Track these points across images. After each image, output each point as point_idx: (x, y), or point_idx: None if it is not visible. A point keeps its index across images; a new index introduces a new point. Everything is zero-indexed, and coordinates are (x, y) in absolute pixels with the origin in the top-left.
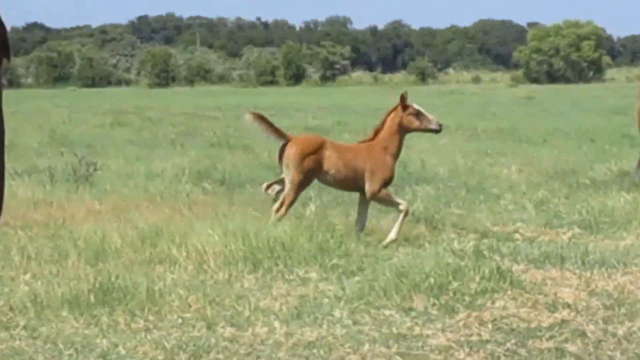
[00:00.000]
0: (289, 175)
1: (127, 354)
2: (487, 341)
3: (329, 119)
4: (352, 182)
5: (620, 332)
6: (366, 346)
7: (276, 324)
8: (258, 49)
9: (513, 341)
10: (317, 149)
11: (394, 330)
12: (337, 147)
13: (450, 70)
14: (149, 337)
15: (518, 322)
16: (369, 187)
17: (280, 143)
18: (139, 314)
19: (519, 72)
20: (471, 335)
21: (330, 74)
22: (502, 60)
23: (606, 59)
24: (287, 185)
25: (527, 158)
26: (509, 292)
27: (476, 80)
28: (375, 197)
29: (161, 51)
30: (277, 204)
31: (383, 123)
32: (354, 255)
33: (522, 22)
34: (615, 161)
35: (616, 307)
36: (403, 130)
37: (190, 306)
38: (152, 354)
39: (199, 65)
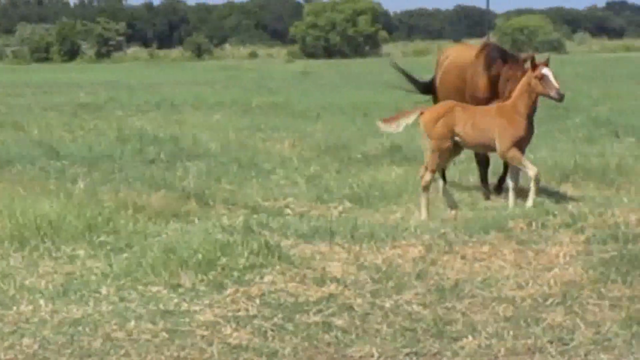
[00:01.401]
0: (428, 144)
1: None
2: (255, 316)
3: (102, 95)
4: (483, 143)
5: (387, 305)
6: (132, 323)
7: (41, 302)
8: (32, 26)
9: (280, 316)
10: (446, 114)
11: (161, 306)
12: (467, 109)
13: (227, 46)
14: None
15: (286, 297)
16: (498, 146)
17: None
18: None
19: (296, 47)
20: (238, 310)
21: (106, 50)
22: (279, 36)
23: (382, 33)
24: (427, 153)
25: (300, 133)
26: (278, 267)
27: (253, 55)
28: (505, 156)
29: None
30: (421, 170)
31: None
32: (123, 232)
33: None
34: (387, 135)
35: (384, 281)
36: (532, 91)
37: None
38: None
39: None
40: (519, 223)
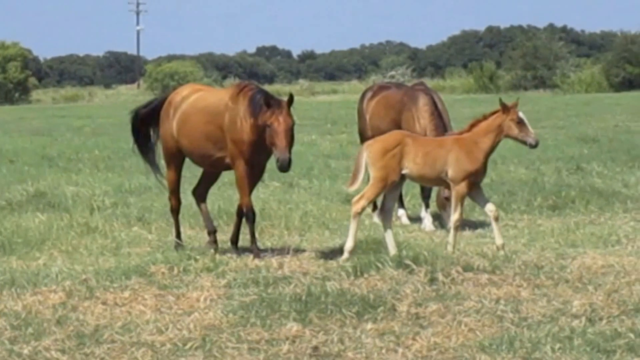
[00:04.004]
0: (371, 173)
1: None
2: None
3: None
4: (432, 176)
5: (25, 351)
6: None
7: None
8: None
9: None
10: (397, 146)
11: None
12: (417, 140)
13: None
14: None
15: None
16: (451, 177)
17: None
18: None
19: None
20: None
21: None
22: None
23: (33, 80)
24: (370, 182)
25: None
26: None
27: None
28: (454, 185)
29: None
30: (357, 196)
31: (482, 120)
32: None
33: None
34: (33, 182)
35: (23, 327)
36: (501, 133)
37: None
38: None
39: None
40: (160, 268)
